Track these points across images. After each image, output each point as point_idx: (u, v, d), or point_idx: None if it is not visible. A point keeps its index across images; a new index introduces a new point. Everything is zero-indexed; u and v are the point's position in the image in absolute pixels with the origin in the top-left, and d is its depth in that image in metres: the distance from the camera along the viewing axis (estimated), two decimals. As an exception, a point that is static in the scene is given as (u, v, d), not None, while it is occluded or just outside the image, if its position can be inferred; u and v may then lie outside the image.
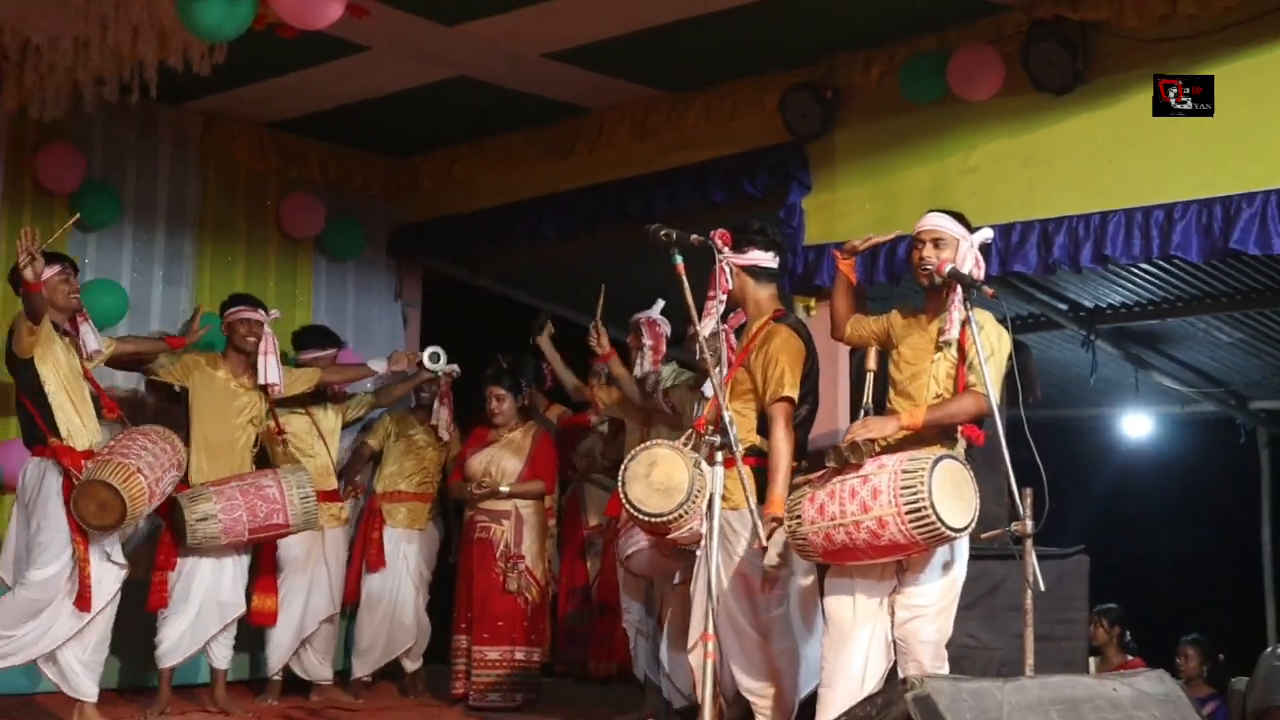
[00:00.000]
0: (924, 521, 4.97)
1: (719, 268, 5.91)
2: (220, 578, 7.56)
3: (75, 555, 6.44)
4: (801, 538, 5.25)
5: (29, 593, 6.45)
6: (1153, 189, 6.56)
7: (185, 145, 9.03)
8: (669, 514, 5.58)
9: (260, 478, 7.50)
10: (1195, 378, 10.61)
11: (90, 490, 6.36)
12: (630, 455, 5.79)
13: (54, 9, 6.25)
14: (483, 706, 7.91)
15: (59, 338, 6.68)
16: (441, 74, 8.16)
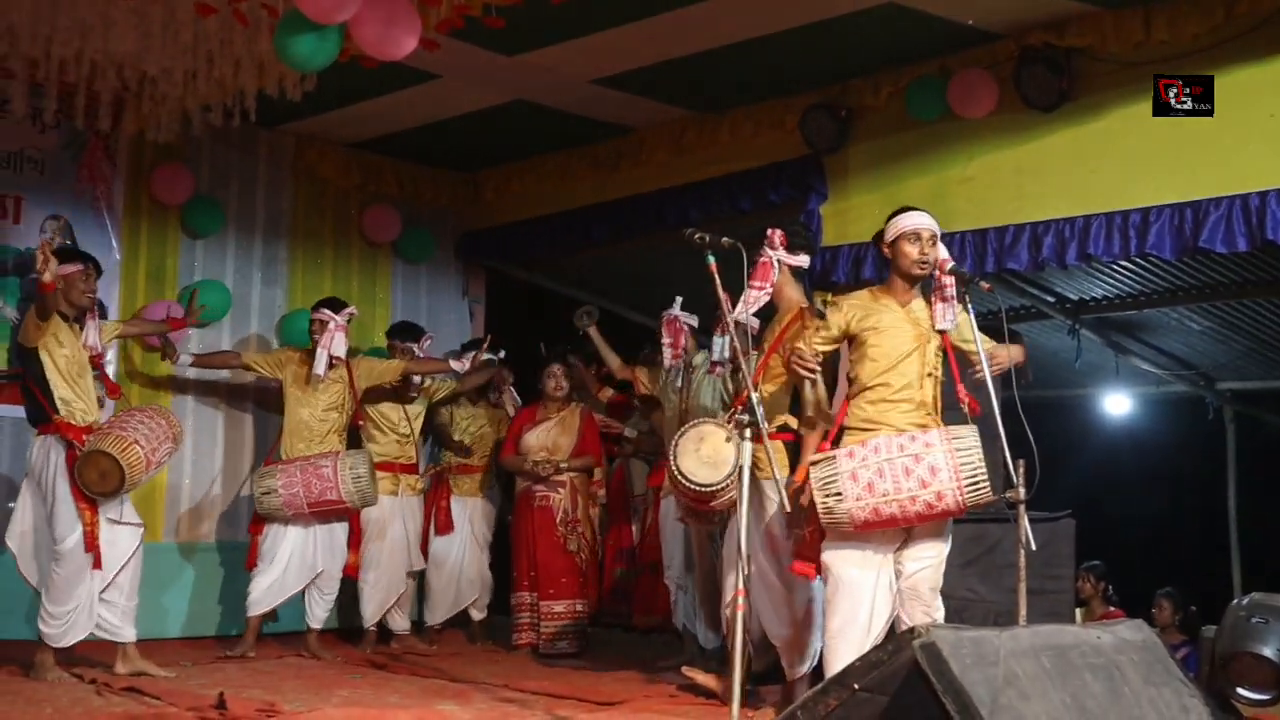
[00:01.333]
0: (979, 489, 4.97)
1: (767, 263, 5.89)
2: (306, 543, 7.65)
3: (84, 522, 6.39)
4: (840, 514, 5.12)
5: (64, 567, 6.37)
6: (1130, 195, 6.52)
7: (280, 163, 9.08)
8: (717, 484, 5.61)
9: (321, 459, 7.59)
10: (1169, 361, 10.54)
11: (91, 459, 6.31)
12: (680, 432, 5.79)
13: (167, 45, 6.29)
14: (551, 654, 7.97)
15: (68, 328, 6.60)
16: (502, 98, 8.17)
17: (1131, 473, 11.79)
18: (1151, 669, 3.46)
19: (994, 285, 5.77)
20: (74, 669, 6.50)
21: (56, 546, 6.40)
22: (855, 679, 3.20)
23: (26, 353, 6.53)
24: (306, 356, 7.86)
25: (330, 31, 5.53)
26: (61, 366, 6.51)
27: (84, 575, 6.40)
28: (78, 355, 6.60)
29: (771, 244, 5.89)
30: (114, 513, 6.52)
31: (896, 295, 5.44)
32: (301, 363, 7.84)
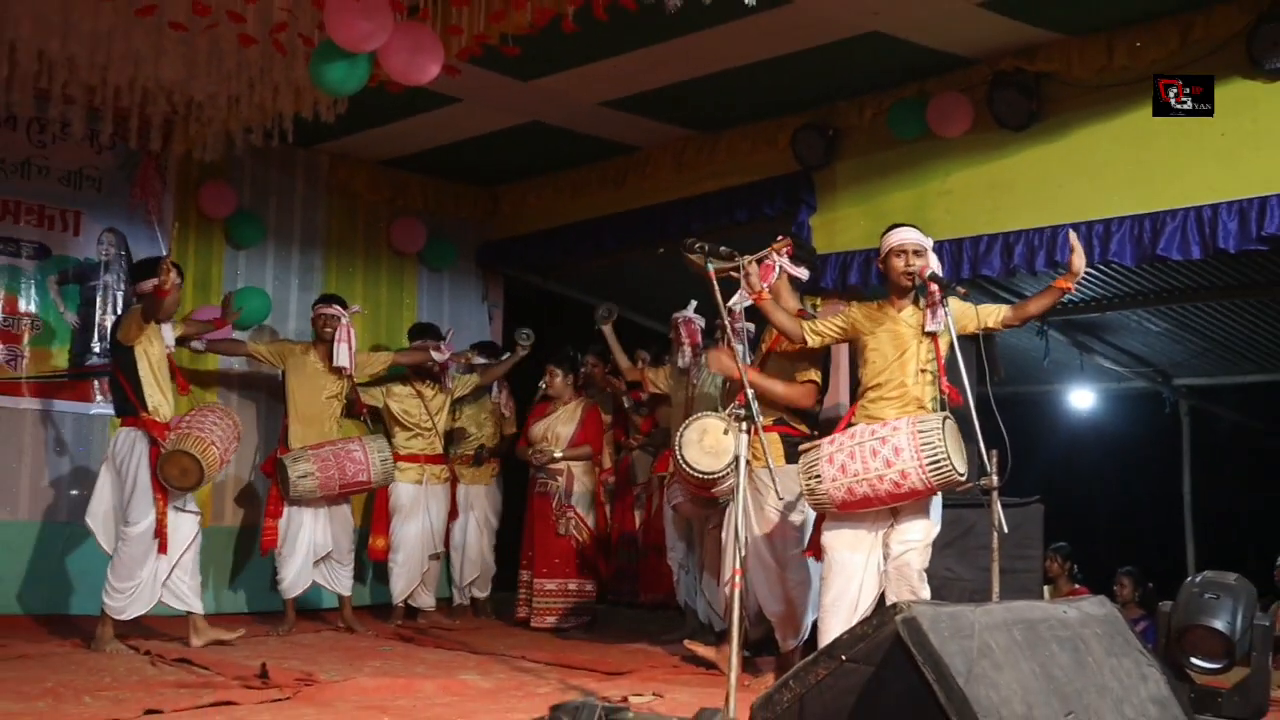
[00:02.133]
0: (942, 470, 5.00)
1: (771, 265, 5.91)
2: (317, 524, 7.69)
3: (157, 511, 6.46)
4: (821, 494, 5.22)
5: (131, 547, 6.44)
6: (1094, 207, 6.52)
7: (315, 180, 9.11)
8: (718, 473, 5.65)
9: (349, 444, 7.62)
10: (1129, 359, 10.54)
11: (174, 458, 6.37)
12: (684, 424, 5.83)
13: (212, 73, 6.32)
14: (542, 627, 7.98)
15: (155, 330, 6.67)
16: (518, 120, 8.19)
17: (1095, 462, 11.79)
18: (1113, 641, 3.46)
19: (969, 290, 5.79)
20: (130, 641, 6.54)
21: (127, 529, 6.47)
22: (843, 650, 3.21)
23: (123, 350, 6.59)
24: (309, 348, 7.86)
25: (361, 59, 5.55)
26: (154, 366, 6.58)
27: (148, 556, 6.46)
28: (164, 358, 6.68)
29: (779, 250, 5.91)
30: (179, 502, 6.58)
31: (893, 304, 5.52)
32: (303, 353, 7.84)
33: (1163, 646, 4.46)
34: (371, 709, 4.92)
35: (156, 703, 4.83)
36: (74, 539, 7.58)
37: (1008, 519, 4.92)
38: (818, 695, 3.22)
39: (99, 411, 7.89)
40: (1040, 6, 6.22)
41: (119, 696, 5.03)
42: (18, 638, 6.81)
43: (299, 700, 5.10)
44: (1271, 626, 4.59)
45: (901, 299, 5.50)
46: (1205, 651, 4.36)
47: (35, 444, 7.68)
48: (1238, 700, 4.33)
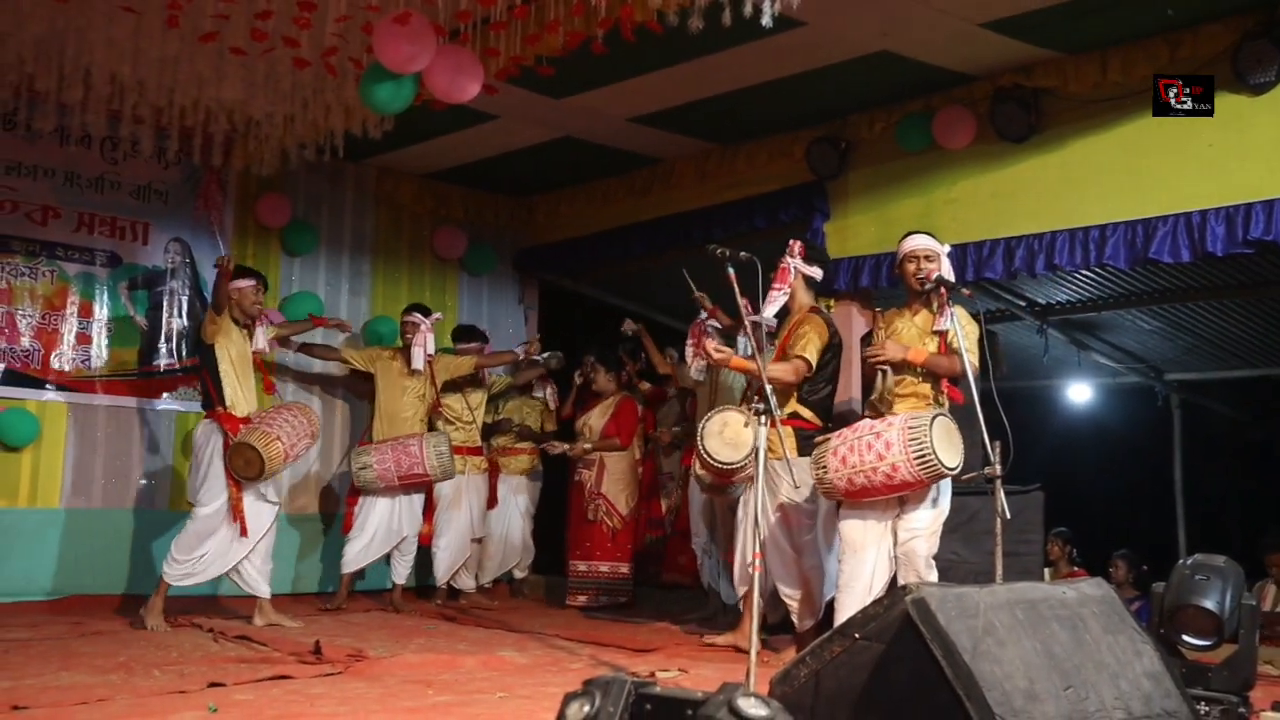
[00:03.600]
0: (928, 464, 5.01)
1: (786, 268, 5.91)
2: (392, 513, 7.73)
3: (230, 497, 6.51)
4: (828, 483, 5.30)
5: (196, 525, 6.51)
6: (1090, 214, 6.48)
7: (364, 192, 9.14)
8: (738, 463, 5.67)
9: (409, 439, 7.70)
10: (1124, 356, 10.47)
11: (240, 449, 6.43)
12: (706, 417, 5.85)
13: (269, 93, 6.36)
14: (573, 605, 8.00)
15: (238, 330, 6.76)
16: (552, 135, 8.19)
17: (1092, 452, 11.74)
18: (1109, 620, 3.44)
19: (974, 291, 5.78)
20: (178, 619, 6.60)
21: (196, 509, 6.57)
22: (856, 629, 3.20)
23: (205, 348, 6.68)
24: (396, 354, 7.98)
25: (406, 80, 5.57)
26: (235, 363, 6.65)
27: (213, 535, 6.52)
28: (246, 355, 6.76)
29: (791, 252, 5.94)
30: (262, 490, 6.65)
31: (910, 307, 5.53)
32: (392, 358, 7.96)
33: (1156, 625, 4.43)
34: (417, 683, 4.94)
35: (219, 676, 4.86)
36: (143, 524, 7.65)
37: (1010, 505, 4.90)
38: (833, 671, 3.21)
39: (165, 407, 7.96)
40: (1038, 26, 6.18)
41: (184, 670, 5.07)
42: (93, 616, 6.88)
43: (350, 674, 5.13)
44: (1258, 605, 4.56)
45: (916, 302, 5.52)
46: (1196, 629, 4.33)
47: (107, 437, 7.74)
48: (1226, 675, 4.30)
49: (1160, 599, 4.44)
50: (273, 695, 4.58)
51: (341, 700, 4.49)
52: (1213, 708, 4.18)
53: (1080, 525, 9.28)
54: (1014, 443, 4.87)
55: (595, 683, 2.12)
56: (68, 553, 7.48)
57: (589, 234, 9.40)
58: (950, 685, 2.89)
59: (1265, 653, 5.59)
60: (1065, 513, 8.71)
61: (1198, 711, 3.60)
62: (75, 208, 7.73)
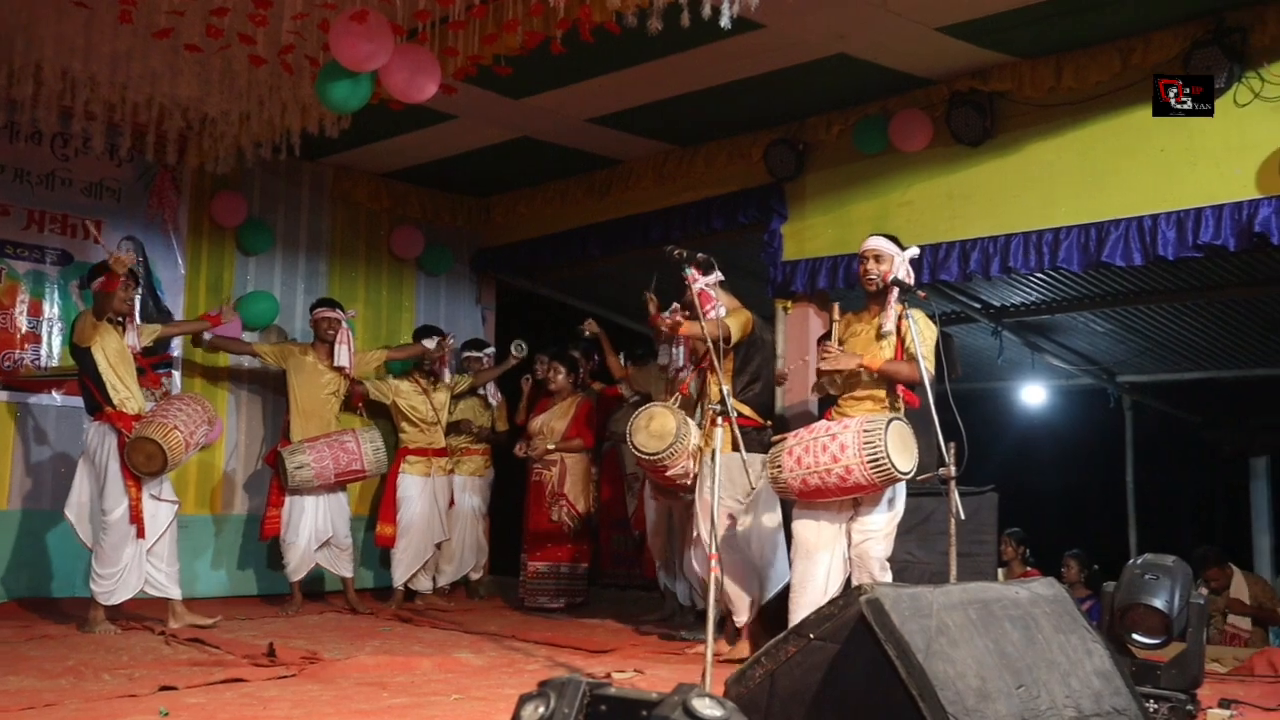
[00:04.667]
0: (881, 468, 5.03)
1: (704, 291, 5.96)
2: (318, 511, 7.69)
3: (130, 498, 6.40)
4: (782, 482, 5.31)
5: (111, 535, 6.38)
6: (1044, 217, 6.54)
7: (320, 191, 9.07)
8: (661, 452, 5.80)
9: (343, 435, 7.66)
10: (1076, 358, 10.58)
11: (138, 445, 6.32)
12: (635, 414, 5.95)
13: (225, 91, 6.31)
14: (534, 607, 7.97)
15: (113, 330, 6.61)
16: (510, 135, 8.17)
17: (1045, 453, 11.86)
18: (1061, 619, 3.47)
19: (929, 293, 5.82)
20: (118, 622, 6.51)
21: (105, 517, 6.42)
22: (811, 629, 3.22)
23: (81, 352, 6.52)
24: (308, 349, 7.92)
25: (363, 79, 5.54)
26: (113, 362, 6.51)
27: (128, 542, 6.41)
28: (124, 353, 6.60)
29: (693, 280, 5.92)
30: (155, 490, 6.53)
31: (869, 309, 5.58)
32: (303, 353, 7.87)
33: (1107, 624, 4.48)
34: (372, 685, 4.91)
35: (171, 680, 4.81)
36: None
37: (964, 506, 4.94)
38: (788, 671, 3.23)
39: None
40: (993, 31, 6.24)
41: (135, 674, 5.02)
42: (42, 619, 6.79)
43: (304, 677, 5.10)
44: (1206, 605, 4.62)
45: (874, 304, 5.54)
46: (1145, 628, 4.39)
47: (58, 438, 7.63)
48: (1175, 673, 4.36)
49: (1111, 598, 4.49)
50: (225, 698, 4.54)
51: (295, 703, 4.46)
52: (1161, 705, 4.23)
53: (1034, 526, 9.38)
54: (968, 444, 4.90)
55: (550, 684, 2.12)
56: (16, 555, 7.37)
57: (547, 234, 9.38)
58: (904, 685, 2.91)
59: (1212, 651, 5.68)
60: (1019, 513, 8.79)
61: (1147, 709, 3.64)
62: (25, 205, 7.62)
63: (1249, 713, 4.49)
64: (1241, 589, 8.06)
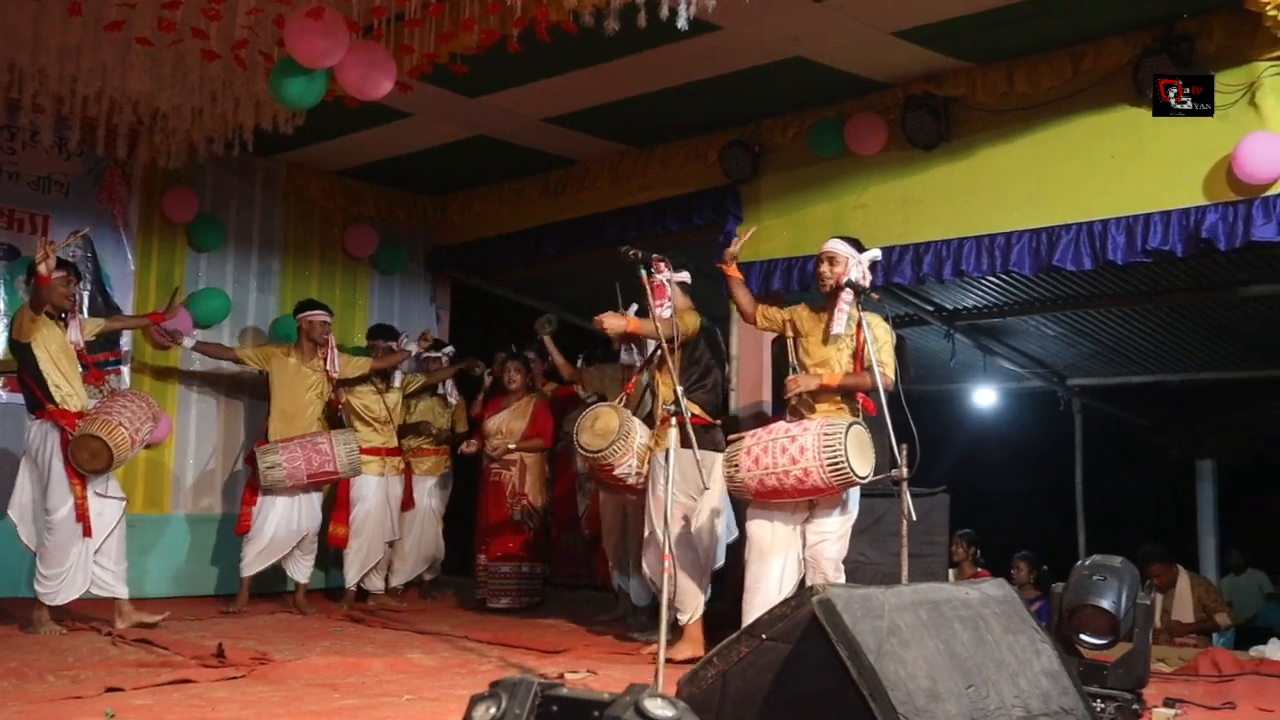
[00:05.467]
0: (840, 472, 5.05)
1: (661, 284, 5.99)
2: (291, 512, 7.60)
3: (75, 497, 6.30)
4: (739, 482, 5.32)
5: (55, 535, 6.28)
6: (997, 221, 6.60)
7: (273, 188, 8.99)
8: (604, 450, 5.84)
9: (317, 437, 7.59)
10: (1027, 361, 10.69)
11: (82, 442, 6.21)
12: (581, 415, 5.97)
13: (177, 85, 6.24)
14: (498, 608, 7.93)
15: (55, 325, 6.47)
16: (466, 134, 8.14)
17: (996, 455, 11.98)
18: (1010, 620, 3.50)
19: (882, 296, 5.85)
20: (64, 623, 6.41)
21: (49, 517, 6.31)
22: (763, 630, 3.22)
23: (21, 347, 6.39)
24: (291, 350, 7.85)
25: (318, 75, 5.50)
26: (55, 359, 6.39)
27: (74, 542, 6.31)
28: (66, 349, 6.48)
29: (659, 269, 5.99)
30: (100, 488, 6.42)
31: (820, 307, 5.58)
32: (286, 355, 7.81)
33: (1055, 624, 4.52)
34: (323, 686, 4.87)
35: (117, 681, 4.75)
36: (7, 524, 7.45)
37: (916, 508, 4.98)
38: (740, 671, 3.23)
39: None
40: (948, 37, 6.29)
41: (80, 675, 4.95)
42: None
43: (254, 678, 5.04)
44: (1152, 606, 4.68)
45: (829, 302, 5.56)
46: (1093, 628, 4.43)
47: (2, 435, 7.51)
48: (1121, 672, 4.41)
49: (1059, 599, 4.54)
50: (173, 700, 4.49)
51: (244, 704, 4.42)
52: (1108, 704, 4.28)
53: (984, 527, 9.46)
54: (920, 446, 4.94)
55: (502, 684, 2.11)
56: (-41, 555, 7.26)
57: (502, 234, 9.35)
58: (855, 685, 2.92)
59: (1158, 651, 5.75)
60: (970, 515, 8.86)
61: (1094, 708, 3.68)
62: (-30, 198, 7.51)
63: (1193, 712, 4.56)
64: (1186, 593, 8.15)
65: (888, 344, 5.45)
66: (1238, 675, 5.37)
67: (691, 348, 6.12)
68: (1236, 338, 9.31)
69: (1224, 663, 5.57)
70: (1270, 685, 5.10)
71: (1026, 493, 11.82)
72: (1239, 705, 4.62)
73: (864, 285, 5.46)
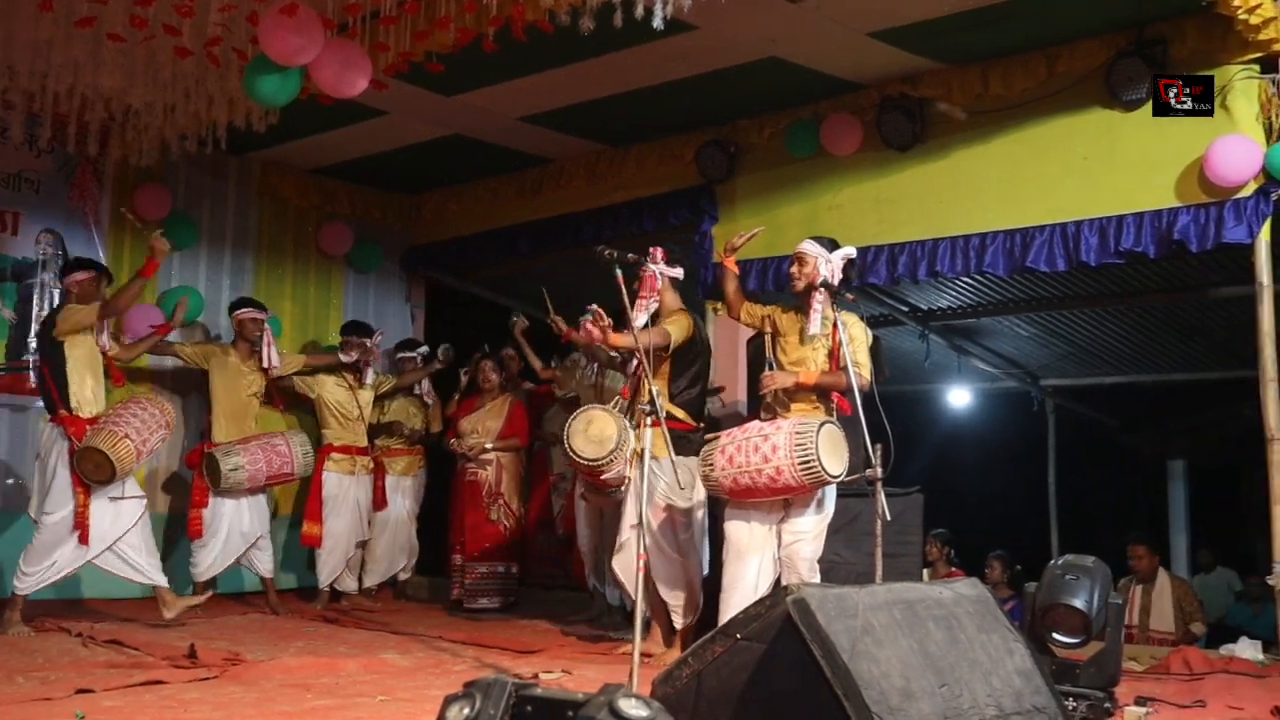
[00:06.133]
0: (812, 470, 5.06)
1: (653, 275, 5.95)
2: (241, 513, 7.55)
3: (76, 505, 6.30)
4: (714, 481, 5.33)
5: (43, 535, 6.31)
6: (971, 222, 6.64)
7: (247, 186, 8.93)
8: (602, 459, 5.69)
9: (273, 438, 7.59)
10: (1001, 361, 10.74)
11: (87, 454, 6.25)
12: (572, 415, 5.87)
13: (149, 82, 6.19)
14: (474, 609, 7.91)
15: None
16: (441, 133, 8.12)
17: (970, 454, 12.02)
18: (983, 619, 3.52)
19: (857, 296, 5.88)
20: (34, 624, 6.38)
21: (44, 518, 6.32)
22: (738, 629, 3.23)
23: (54, 345, 6.42)
24: (228, 349, 7.82)
25: (292, 73, 5.47)
26: (82, 361, 6.42)
27: (61, 544, 6.31)
28: (94, 352, 6.53)
29: (654, 259, 5.97)
30: (116, 491, 6.43)
31: (798, 307, 5.59)
32: (224, 354, 7.77)
33: (1028, 623, 4.56)
34: (295, 686, 4.85)
35: (87, 682, 4.71)
36: (6, 526, 7.37)
37: (890, 507, 4.99)
38: (714, 671, 3.24)
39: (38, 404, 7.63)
40: (923, 38, 6.32)
41: (50, 677, 4.91)
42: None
43: (226, 679, 5.02)
44: (1123, 605, 4.72)
45: (804, 303, 5.58)
46: (1065, 628, 4.46)
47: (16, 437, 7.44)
48: (1093, 671, 4.44)
49: (1032, 598, 4.57)
50: (144, 701, 4.46)
51: (216, 705, 4.39)
52: (1080, 703, 4.31)
53: (958, 527, 9.50)
54: (895, 446, 4.96)
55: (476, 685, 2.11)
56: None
57: (478, 233, 9.33)
58: (829, 684, 2.93)
59: (1130, 650, 5.80)
60: (944, 514, 8.90)
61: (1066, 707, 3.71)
62: (-61, 195, 7.44)
63: (1164, 710, 4.59)
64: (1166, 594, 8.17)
65: (864, 344, 5.47)
66: (1208, 673, 5.41)
67: (686, 351, 6.04)
68: (1207, 339, 9.38)
69: (1195, 661, 5.61)
70: (1240, 683, 5.15)
71: (1000, 492, 11.87)
72: (1209, 703, 4.66)
73: (835, 284, 5.48)
